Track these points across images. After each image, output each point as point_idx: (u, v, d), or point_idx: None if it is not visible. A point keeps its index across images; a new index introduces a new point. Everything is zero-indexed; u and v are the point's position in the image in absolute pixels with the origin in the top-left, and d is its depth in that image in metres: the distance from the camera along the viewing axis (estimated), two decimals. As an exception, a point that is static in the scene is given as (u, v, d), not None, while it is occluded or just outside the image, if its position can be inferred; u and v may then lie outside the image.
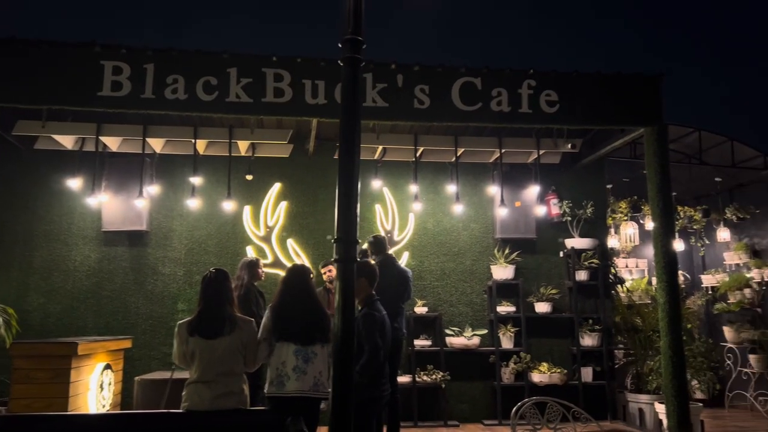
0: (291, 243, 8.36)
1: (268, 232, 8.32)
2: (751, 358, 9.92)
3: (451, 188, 8.25)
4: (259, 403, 4.32)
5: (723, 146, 11.01)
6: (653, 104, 6.17)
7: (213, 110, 5.84)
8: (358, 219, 2.72)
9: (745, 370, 10.15)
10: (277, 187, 8.48)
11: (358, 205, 2.70)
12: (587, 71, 6.17)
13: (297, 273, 4.44)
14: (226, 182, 7.67)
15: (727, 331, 10.48)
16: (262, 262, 7.88)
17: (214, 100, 5.74)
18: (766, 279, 10.07)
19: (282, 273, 4.67)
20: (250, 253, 8.10)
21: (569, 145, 7.74)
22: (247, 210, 8.36)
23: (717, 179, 11.09)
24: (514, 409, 4.12)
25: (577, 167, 8.78)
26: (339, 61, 2.80)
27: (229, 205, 7.73)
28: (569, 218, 8.69)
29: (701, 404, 7.73)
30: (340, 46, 2.72)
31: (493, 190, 8.55)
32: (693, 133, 11.03)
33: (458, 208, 8.28)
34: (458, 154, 8.17)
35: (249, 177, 8.07)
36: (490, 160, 8.53)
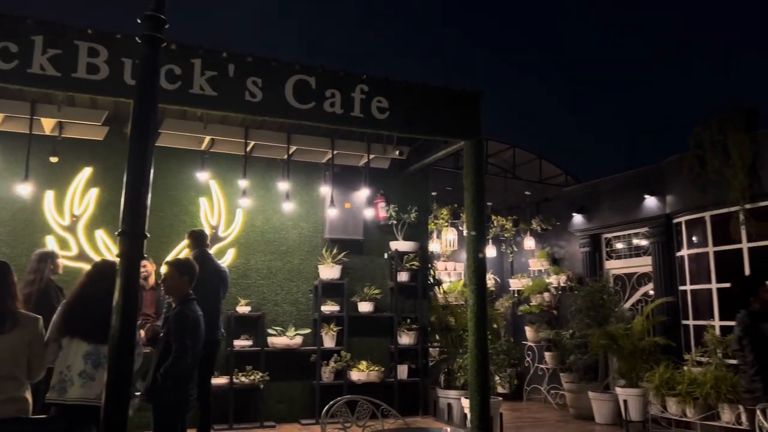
0: (101, 235, 7.66)
1: (73, 222, 7.53)
2: (547, 355, 11.08)
3: (282, 186, 8.14)
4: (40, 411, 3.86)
5: (533, 163, 12.18)
6: (473, 119, 6.58)
7: (10, 81, 5.14)
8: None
9: (542, 366, 11.31)
10: (87, 172, 7.72)
11: (152, 196, 2.51)
12: (416, 82, 6.42)
13: (103, 268, 4.04)
14: (25, 163, 6.80)
15: (528, 331, 11.60)
16: (65, 254, 7.14)
17: (12, 69, 5.05)
18: (561, 284, 11.31)
19: (87, 267, 4.23)
20: (52, 244, 7.28)
21: (397, 152, 8.04)
22: (50, 196, 7.50)
23: (527, 193, 12.25)
24: (326, 408, 4.14)
25: (404, 174, 9.15)
26: (137, 38, 2.60)
27: (26, 189, 6.86)
28: (395, 222, 9.02)
29: (501, 398, 8.44)
30: (139, 21, 2.52)
31: (324, 190, 8.59)
32: (509, 149, 12.08)
33: (288, 206, 8.19)
34: (290, 152, 8.08)
35: (54, 159, 7.24)
36: (323, 161, 8.55)
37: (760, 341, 5.01)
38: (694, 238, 9.20)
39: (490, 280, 12.54)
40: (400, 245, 8.91)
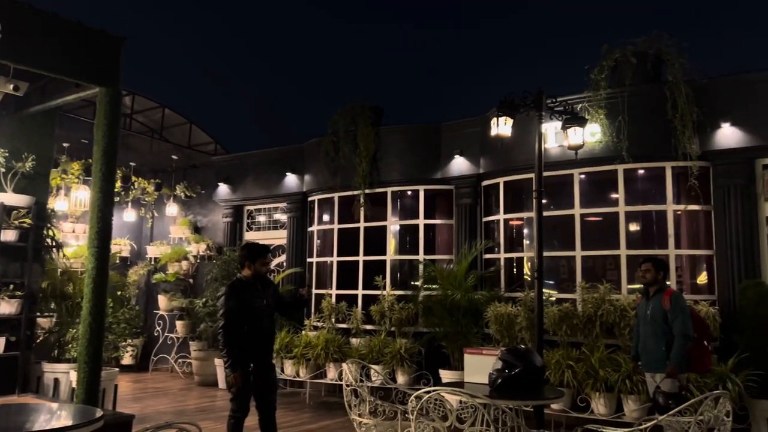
0: None
1: None
2: (178, 324, 10.87)
3: None
4: None
5: (184, 127, 11.75)
6: (111, 65, 5.92)
7: None
8: None
9: (172, 335, 11.05)
10: None
11: None
12: (44, 10, 5.47)
13: None
14: None
15: (162, 300, 11.20)
16: None
17: None
18: (201, 253, 11.23)
19: None
20: None
21: (11, 86, 6.74)
22: None
23: (174, 157, 11.77)
24: None
25: (22, 114, 7.75)
26: None
27: None
28: (3, 170, 7.60)
29: (118, 369, 7.94)
30: None
31: None
32: (159, 108, 11.39)
33: None
34: None
35: None
36: None
37: (240, 310, 4.80)
38: (324, 216, 10.14)
39: (126, 245, 11.70)
40: (7, 198, 7.53)
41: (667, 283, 6.71)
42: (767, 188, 6.90)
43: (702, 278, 7.33)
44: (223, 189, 11.24)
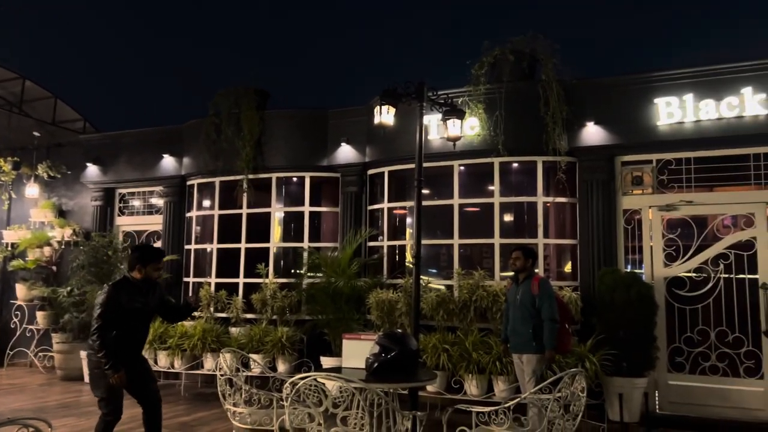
0: None
1: None
2: (39, 315, 10.02)
3: None
4: None
5: (48, 102, 10.80)
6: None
7: None
8: None
9: (31, 327, 10.17)
10: None
11: None
12: None
13: None
14: None
15: (20, 289, 10.27)
16: None
17: None
18: (66, 238, 10.39)
19: None
20: None
21: None
22: None
23: (36, 134, 10.79)
24: None
25: None
26: None
27: None
28: None
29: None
30: None
31: None
32: (19, 80, 10.39)
33: None
34: None
35: None
36: None
37: (118, 310, 4.52)
38: (204, 201, 9.75)
39: (-22, 229, 10.58)
40: None
41: (536, 270, 7.16)
42: (625, 184, 7.53)
43: (567, 266, 7.88)
44: (92, 170, 10.46)
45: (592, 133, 7.48)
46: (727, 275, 6.86)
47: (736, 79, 6.85)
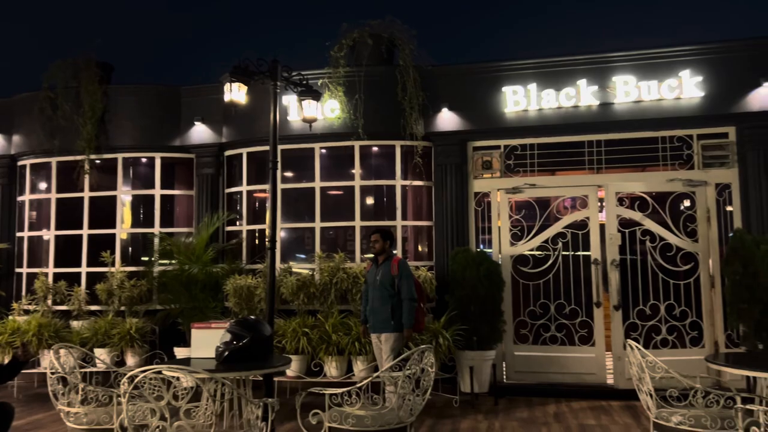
0: None
1: None
2: None
3: None
4: None
5: None
6: None
7: None
8: None
9: None
10: None
11: None
12: None
13: None
14: None
15: None
16: None
17: None
18: None
19: None
20: None
21: None
22: None
23: None
24: None
25: None
26: None
27: None
28: None
29: None
30: None
31: None
32: None
33: None
34: None
35: None
36: None
37: None
38: (39, 184, 8.82)
39: None
40: None
41: (395, 251, 7.31)
42: (476, 168, 7.89)
43: (424, 246, 8.14)
44: None
45: (447, 119, 7.75)
46: (565, 252, 7.45)
47: (572, 71, 7.42)
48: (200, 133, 8.37)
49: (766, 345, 6.34)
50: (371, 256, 6.40)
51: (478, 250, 7.55)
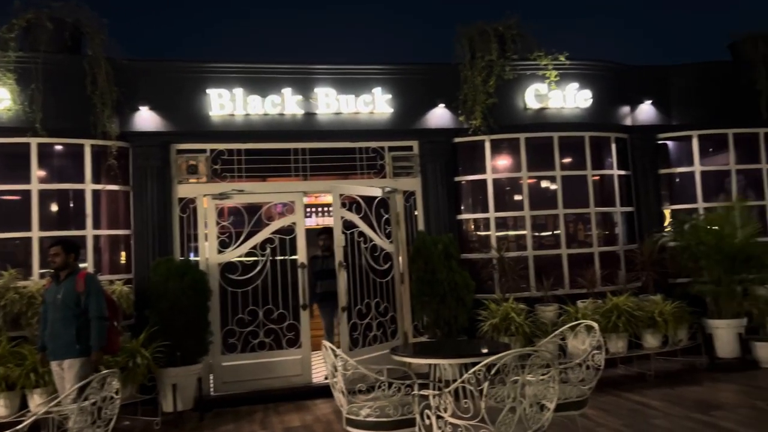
0: None
1: None
2: None
3: None
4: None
5: None
6: None
7: None
8: None
9: None
10: None
11: None
12: None
13: None
14: None
15: None
16: None
17: None
18: None
19: None
20: None
21: None
22: None
23: None
24: None
25: None
26: None
27: None
28: None
29: None
30: None
31: None
32: None
33: None
34: None
35: None
36: None
37: None
38: None
39: None
40: None
41: (82, 265, 6.48)
42: (181, 172, 7.46)
43: (122, 258, 7.39)
44: None
45: (146, 119, 7.18)
46: (274, 258, 7.48)
47: (278, 80, 7.53)
48: None
49: (443, 333, 7.26)
50: (51, 271, 5.54)
51: (182, 259, 7.15)
